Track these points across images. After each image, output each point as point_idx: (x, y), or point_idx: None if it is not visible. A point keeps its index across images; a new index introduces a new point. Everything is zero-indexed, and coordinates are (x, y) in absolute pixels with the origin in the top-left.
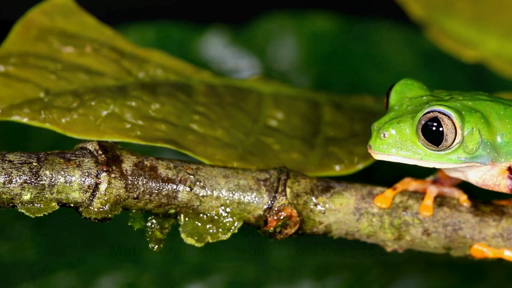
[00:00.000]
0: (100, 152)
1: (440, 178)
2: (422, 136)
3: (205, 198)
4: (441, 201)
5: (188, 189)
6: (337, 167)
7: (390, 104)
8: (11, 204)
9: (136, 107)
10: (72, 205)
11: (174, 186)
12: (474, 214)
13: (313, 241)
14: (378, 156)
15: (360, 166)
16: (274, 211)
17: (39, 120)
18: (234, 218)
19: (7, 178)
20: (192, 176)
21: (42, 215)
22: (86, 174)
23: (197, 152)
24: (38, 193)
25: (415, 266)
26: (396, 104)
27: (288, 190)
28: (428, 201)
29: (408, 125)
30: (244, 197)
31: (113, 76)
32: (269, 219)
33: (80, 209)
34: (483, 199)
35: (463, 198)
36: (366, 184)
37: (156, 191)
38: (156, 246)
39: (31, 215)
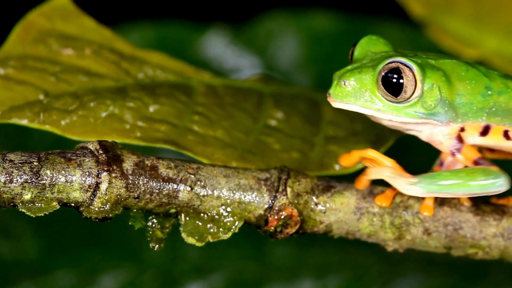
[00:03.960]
0: (101, 151)
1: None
2: (381, 87)
3: (205, 197)
4: (441, 200)
5: (188, 188)
6: (338, 166)
7: (355, 57)
8: (12, 204)
9: (135, 108)
10: (73, 204)
11: (175, 186)
12: (475, 214)
13: (314, 239)
14: (336, 104)
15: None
16: (274, 211)
17: (39, 122)
18: (235, 217)
19: (8, 178)
20: (192, 176)
21: (43, 214)
22: (87, 173)
23: (197, 152)
24: (39, 192)
25: (416, 265)
26: (360, 57)
27: (288, 189)
28: (429, 201)
29: (369, 75)
30: (244, 196)
31: (112, 77)
32: (270, 218)
33: (81, 208)
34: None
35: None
36: None
37: (157, 191)
38: (157, 245)
39: (32, 215)
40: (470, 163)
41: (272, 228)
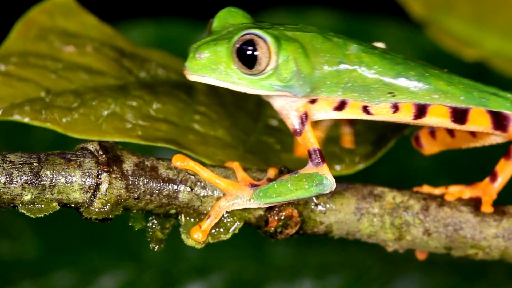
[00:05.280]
0: (101, 152)
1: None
2: (236, 59)
3: (206, 198)
4: (442, 201)
5: (189, 189)
6: (338, 167)
7: (213, 29)
8: (11, 205)
9: (137, 107)
10: (73, 205)
11: (175, 186)
12: (475, 214)
13: (314, 240)
14: (191, 77)
15: (361, 166)
16: (275, 211)
17: (40, 120)
18: (235, 218)
19: (8, 179)
20: (193, 176)
21: (43, 215)
22: (87, 174)
23: (198, 152)
24: (38, 193)
25: (416, 265)
26: (218, 29)
27: None
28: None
29: (224, 47)
30: None
31: (114, 75)
32: (270, 219)
33: (81, 209)
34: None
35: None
36: (367, 184)
37: (157, 191)
38: (157, 246)
39: (32, 216)
40: (306, 149)
41: (272, 228)
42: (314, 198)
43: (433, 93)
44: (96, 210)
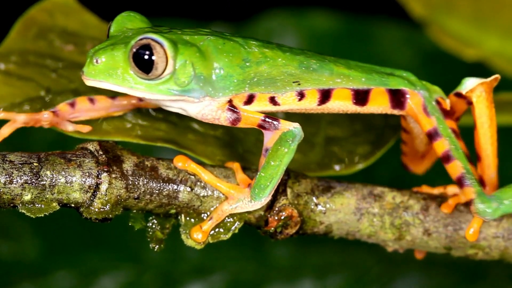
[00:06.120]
0: (100, 152)
1: None
2: (133, 63)
3: (205, 198)
4: (441, 201)
5: (188, 189)
6: (338, 167)
7: (111, 33)
8: (12, 205)
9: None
10: (73, 205)
11: (175, 186)
12: None
13: (314, 240)
14: (89, 82)
15: (360, 166)
16: (274, 211)
17: None
18: (235, 218)
19: (8, 179)
20: (192, 176)
21: (42, 215)
22: (87, 174)
23: (198, 151)
24: (38, 193)
25: (416, 265)
26: (116, 34)
27: (288, 190)
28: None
29: (121, 52)
30: None
31: None
32: (270, 219)
33: (81, 209)
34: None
35: None
36: (366, 184)
37: (157, 191)
38: (157, 246)
39: (32, 216)
40: (256, 126)
41: (272, 228)
42: (314, 198)
43: (335, 77)
44: (96, 210)
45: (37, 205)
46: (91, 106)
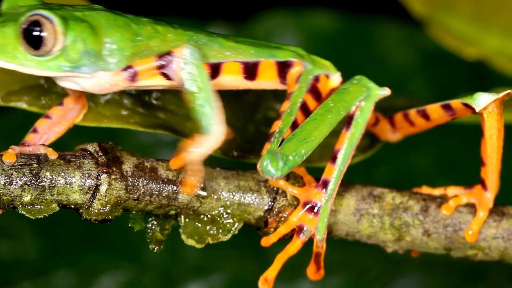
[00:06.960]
0: (100, 153)
1: None
2: (23, 40)
3: (205, 199)
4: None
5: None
6: None
7: (2, 11)
8: (11, 206)
9: (135, 94)
10: (72, 206)
11: (175, 187)
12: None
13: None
14: None
15: (358, 158)
16: (274, 212)
17: (38, 106)
18: (235, 219)
19: (8, 180)
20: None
21: (42, 216)
22: (87, 175)
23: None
24: (38, 194)
25: (415, 266)
26: (7, 11)
27: None
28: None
29: (12, 29)
30: (244, 198)
31: None
32: (270, 220)
33: (81, 210)
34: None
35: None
36: (366, 184)
37: (157, 192)
38: (157, 247)
39: (31, 217)
40: (157, 72)
41: (272, 229)
42: None
43: (225, 50)
44: (96, 211)
45: (36, 206)
46: (50, 121)
